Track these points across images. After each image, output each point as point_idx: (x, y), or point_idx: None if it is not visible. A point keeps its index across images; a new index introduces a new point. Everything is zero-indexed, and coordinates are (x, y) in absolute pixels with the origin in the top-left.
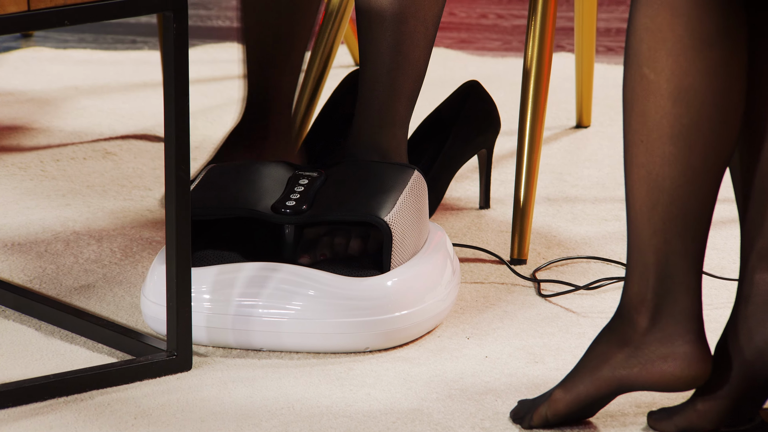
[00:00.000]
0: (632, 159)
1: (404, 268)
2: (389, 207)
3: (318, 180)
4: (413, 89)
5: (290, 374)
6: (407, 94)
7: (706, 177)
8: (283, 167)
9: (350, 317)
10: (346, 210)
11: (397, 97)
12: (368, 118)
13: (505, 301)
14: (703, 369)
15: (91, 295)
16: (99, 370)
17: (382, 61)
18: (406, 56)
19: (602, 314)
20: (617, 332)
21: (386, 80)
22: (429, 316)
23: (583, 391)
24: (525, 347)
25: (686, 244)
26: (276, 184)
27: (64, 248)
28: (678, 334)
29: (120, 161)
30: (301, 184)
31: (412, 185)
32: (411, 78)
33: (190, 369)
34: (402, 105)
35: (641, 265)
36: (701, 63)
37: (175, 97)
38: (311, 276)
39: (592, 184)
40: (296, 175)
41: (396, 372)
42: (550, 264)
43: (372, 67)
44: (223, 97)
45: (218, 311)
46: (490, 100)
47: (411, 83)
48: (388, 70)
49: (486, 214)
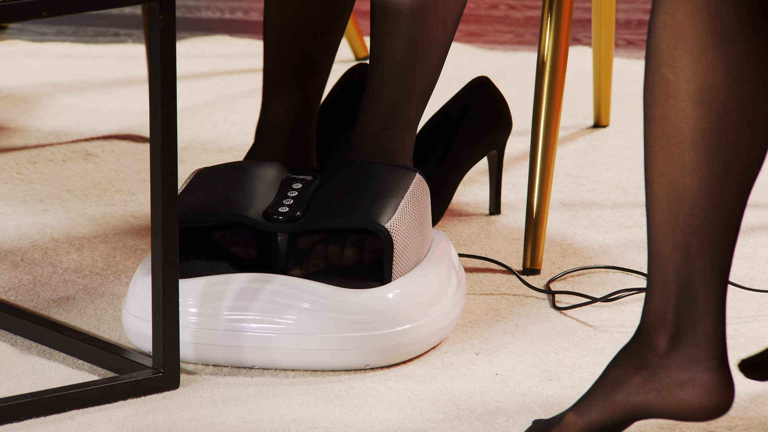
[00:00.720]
0: (652, 167)
1: (406, 279)
2: (389, 213)
3: (313, 184)
4: (425, 90)
5: (285, 393)
6: (418, 95)
7: (731, 188)
8: (275, 169)
9: (348, 332)
10: (343, 217)
11: (408, 98)
12: (374, 118)
13: (517, 314)
14: (724, 399)
15: (71, 308)
16: (79, 389)
17: (395, 59)
18: (422, 55)
19: (622, 328)
20: (635, 353)
21: (397, 78)
22: (433, 331)
23: (596, 416)
24: (538, 364)
25: (710, 260)
26: (267, 188)
27: (42, 257)
28: (699, 359)
29: (102, 163)
30: (295, 189)
31: (413, 189)
32: (424, 78)
33: (178, 387)
34: (412, 106)
35: (661, 282)
36: (723, 62)
37: (161, 95)
38: (306, 288)
39: (611, 188)
40: (289, 179)
41: (399, 390)
42: (566, 274)
43: (384, 63)
44: (213, 93)
45: (206, 326)
46: (500, 97)
47: (423, 84)
48: (400, 67)
49: (496, 221)
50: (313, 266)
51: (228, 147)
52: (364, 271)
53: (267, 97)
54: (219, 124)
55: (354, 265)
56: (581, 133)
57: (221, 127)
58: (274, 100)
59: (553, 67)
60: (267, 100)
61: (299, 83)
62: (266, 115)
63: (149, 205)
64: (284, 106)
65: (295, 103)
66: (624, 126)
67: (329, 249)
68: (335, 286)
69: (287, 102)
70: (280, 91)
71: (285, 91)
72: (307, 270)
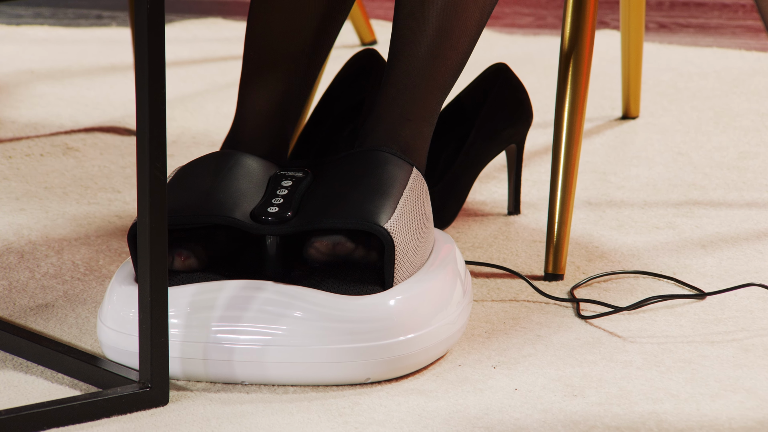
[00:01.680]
0: None
1: (409, 285)
2: (389, 212)
3: (304, 180)
4: (449, 82)
5: (284, 409)
6: (443, 85)
7: None
8: (262, 164)
9: (346, 343)
10: (337, 216)
11: (432, 88)
12: (394, 108)
13: (538, 323)
14: None
15: (50, 317)
16: (59, 405)
17: (425, 45)
18: (454, 44)
19: (653, 339)
20: None
21: (424, 67)
22: (438, 341)
23: None
24: (561, 378)
25: None
26: (254, 186)
27: (18, 261)
28: None
29: (83, 158)
30: (285, 186)
31: (412, 185)
32: (451, 69)
33: (167, 403)
34: (435, 97)
35: None
36: None
37: (148, 83)
38: (299, 295)
39: (641, 185)
40: (278, 176)
41: (409, 407)
42: (591, 280)
43: (411, 49)
44: (204, 82)
45: (191, 339)
46: (520, 86)
47: (449, 74)
48: (429, 56)
49: (516, 221)
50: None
51: (221, 140)
52: (363, 275)
53: (246, 82)
54: (211, 115)
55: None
56: (608, 125)
57: (214, 119)
58: (253, 85)
59: (578, 52)
60: (246, 85)
61: (286, 69)
62: (243, 101)
63: (135, 204)
64: (264, 94)
65: (278, 92)
66: (655, 117)
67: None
68: (332, 293)
69: (269, 89)
70: (261, 76)
71: (267, 76)
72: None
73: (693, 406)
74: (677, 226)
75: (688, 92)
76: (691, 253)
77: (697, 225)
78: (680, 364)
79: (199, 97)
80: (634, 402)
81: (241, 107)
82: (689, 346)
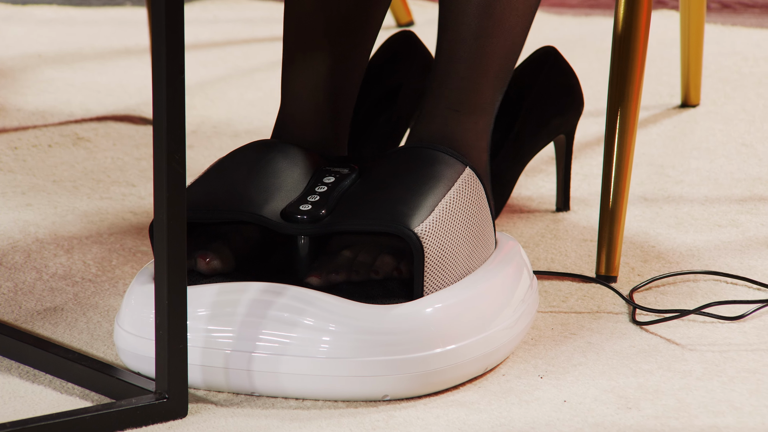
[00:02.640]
0: None
1: (444, 295)
2: (424, 214)
3: (348, 178)
4: (504, 66)
5: (313, 424)
6: (495, 71)
7: None
8: (308, 157)
9: (364, 356)
10: (366, 217)
11: (483, 74)
12: (442, 99)
13: (589, 329)
14: None
15: (59, 321)
16: (68, 417)
17: (468, 26)
18: (500, 21)
19: (714, 347)
20: None
21: (470, 51)
22: (474, 357)
23: None
24: (615, 389)
25: None
26: (294, 182)
27: (25, 261)
28: None
29: (95, 149)
30: (325, 183)
31: (461, 186)
32: (502, 50)
33: (186, 416)
34: (488, 84)
35: None
36: None
37: (166, 68)
38: (315, 302)
39: (702, 179)
40: (321, 171)
41: (449, 420)
42: (649, 283)
43: (453, 33)
44: (226, 67)
45: (213, 345)
46: (570, 71)
47: (501, 57)
48: (474, 36)
49: (565, 218)
50: (332, 275)
51: (245, 130)
52: (391, 284)
53: (288, 65)
54: (234, 102)
55: (383, 278)
56: (666, 114)
57: (237, 107)
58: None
59: (633, 35)
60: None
61: (331, 50)
62: (286, 87)
63: (151, 200)
64: (308, 79)
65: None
66: (717, 106)
67: (359, 258)
68: (354, 301)
69: (314, 71)
70: (304, 58)
71: (310, 57)
72: (325, 279)
73: (758, 420)
74: (741, 224)
75: (753, 78)
76: (756, 254)
77: (762, 223)
78: (744, 374)
79: (220, 83)
80: (694, 415)
81: (284, 94)
82: (754, 354)
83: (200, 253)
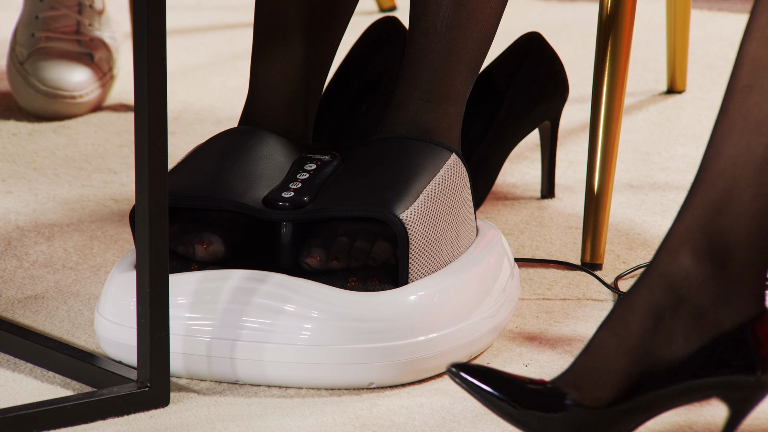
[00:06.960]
0: None
1: (429, 282)
2: (409, 200)
3: (329, 165)
4: (476, 57)
5: (296, 412)
6: (467, 62)
7: None
8: (287, 145)
9: (347, 343)
10: (351, 203)
11: (455, 65)
12: (414, 89)
13: (574, 317)
14: None
15: (40, 309)
16: (49, 406)
17: (441, 17)
18: (473, 12)
19: None
20: None
21: (443, 42)
22: (457, 345)
23: None
24: None
25: None
26: (275, 169)
27: (5, 248)
28: None
29: (76, 136)
30: (307, 170)
31: (445, 173)
32: (475, 42)
33: (168, 404)
34: (460, 75)
35: None
36: None
37: (147, 53)
38: (299, 289)
39: (688, 166)
40: (303, 158)
41: (433, 409)
42: (634, 270)
43: (426, 23)
44: (209, 53)
45: (194, 333)
46: (555, 57)
47: (474, 49)
48: (447, 28)
49: (550, 206)
50: (333, 260)
51: (227, 117)
52: (377, 272)
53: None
54: (217, 89)
55: (379, 264)
56: (652, 100)
57: (219, 93)
58: (266, 57)
59: (619, 20)
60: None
61: (302, 38)
62: (256, 75)
63: (133, 187)
64: (278, 65)
65: (293, 63)
66: (703, 92)
67: (356, 244)
68: (340, 288)
69: (284, 60)
70: (274, 46)
71: (281, 46)
72: (325, 263)
73: None
74: None
75: None
76: None
77: None
78: None
79: (203, 69)
80: None
81: (254, 81)
82: None
83: (198, 239)
